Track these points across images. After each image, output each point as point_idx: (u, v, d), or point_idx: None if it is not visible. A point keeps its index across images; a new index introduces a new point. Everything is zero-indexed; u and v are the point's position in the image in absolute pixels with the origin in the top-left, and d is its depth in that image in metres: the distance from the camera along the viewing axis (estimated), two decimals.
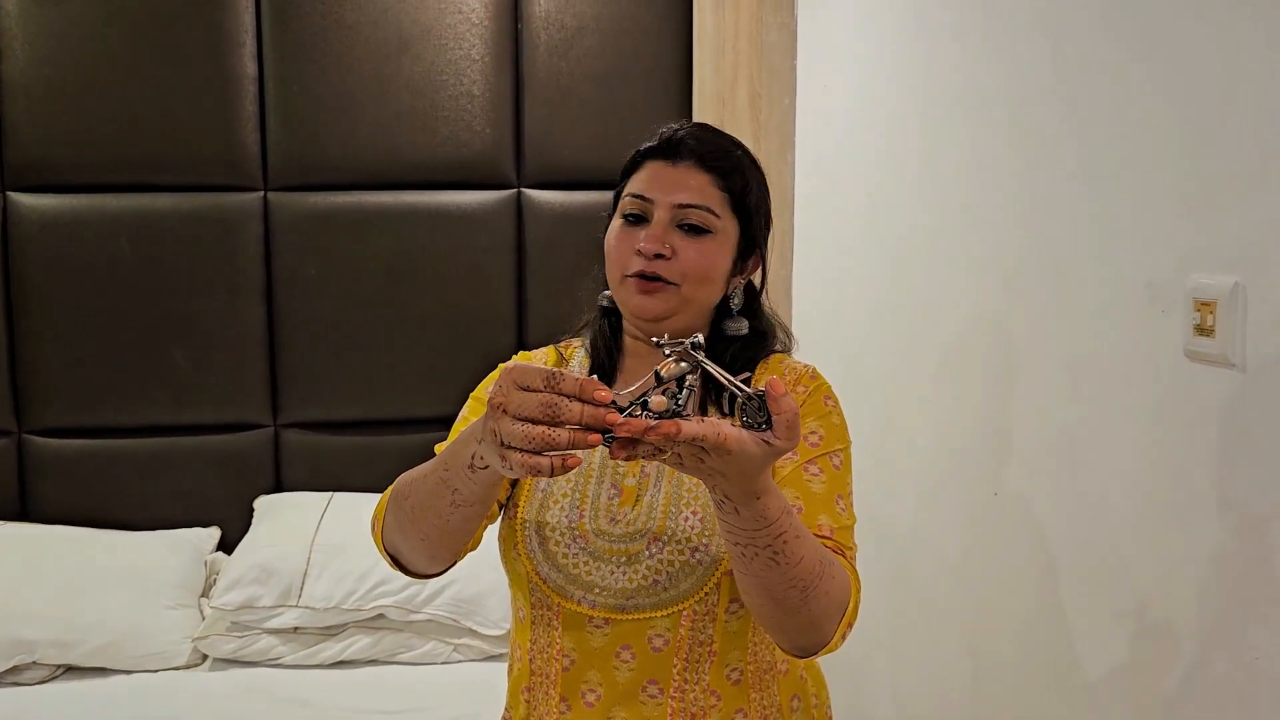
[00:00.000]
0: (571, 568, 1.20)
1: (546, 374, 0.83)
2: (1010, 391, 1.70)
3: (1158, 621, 1.38)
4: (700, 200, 1.21)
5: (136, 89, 2.57)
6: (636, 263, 1.19)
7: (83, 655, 2.28)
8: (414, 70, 2.65)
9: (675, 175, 1.21)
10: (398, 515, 1.11)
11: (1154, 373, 1.37)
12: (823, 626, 1.04)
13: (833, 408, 1.25)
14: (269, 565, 2.38)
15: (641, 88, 2.71)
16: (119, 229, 2.59)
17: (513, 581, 1.26)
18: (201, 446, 2.68)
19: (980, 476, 1.79)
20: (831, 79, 2.45)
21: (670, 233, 1.20)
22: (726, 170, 1.23)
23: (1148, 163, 1.39)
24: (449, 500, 1.02)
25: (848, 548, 1.15)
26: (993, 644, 1.78)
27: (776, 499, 0.95)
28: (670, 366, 0.87)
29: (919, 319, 2.02)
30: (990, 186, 1.77)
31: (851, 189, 2.34)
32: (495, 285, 2.72)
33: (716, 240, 1.22)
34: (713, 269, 1.22)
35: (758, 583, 1.00)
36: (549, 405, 0.82)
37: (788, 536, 0.96)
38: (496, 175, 2.70)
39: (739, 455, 0.87)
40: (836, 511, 1.16)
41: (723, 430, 0.85)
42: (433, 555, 1.13)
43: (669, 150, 1.23)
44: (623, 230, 1.22)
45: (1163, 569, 1.37)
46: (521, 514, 1.23)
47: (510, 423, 0.83)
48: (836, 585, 1.03)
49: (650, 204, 1.21)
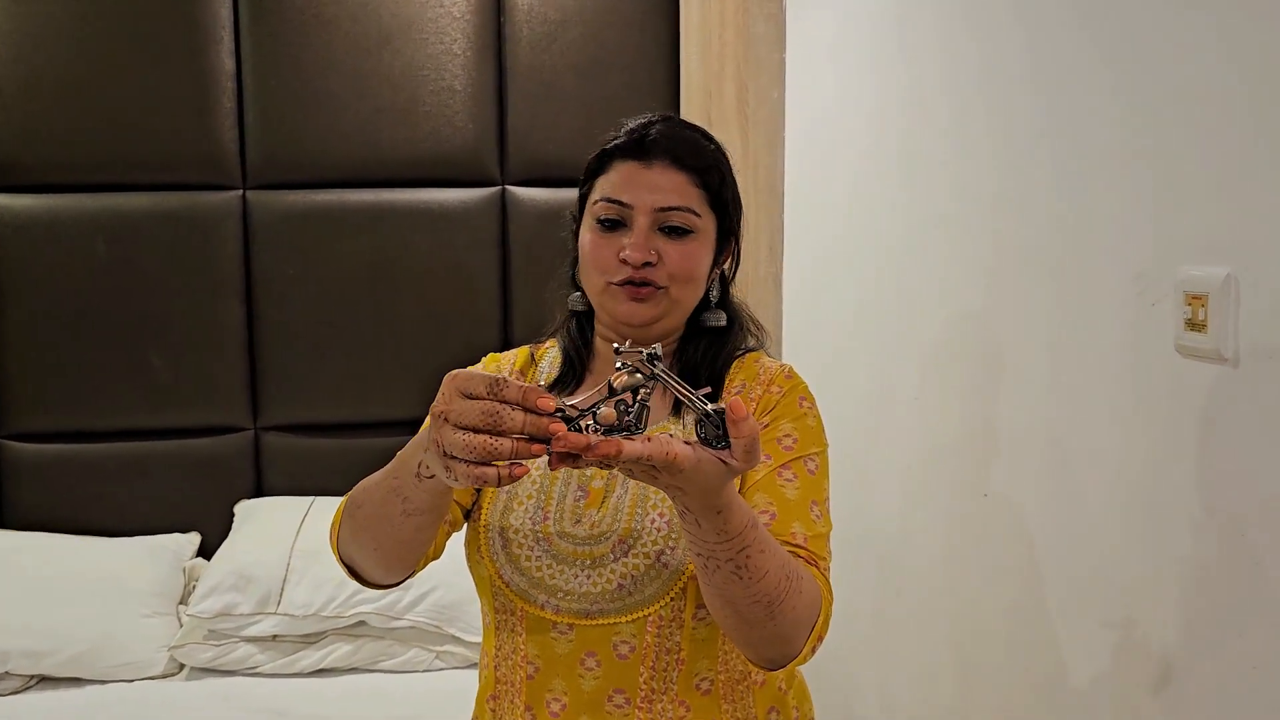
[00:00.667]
0: (535, 571, 1.16)
1: (489, 381, 0.80)
2: (997, 389, 1.65)
3: (1144, 622, 1.33)
4: (681, 202, 1.16)
5: (112, 86, 2.52)
6: (622, 271, 1.15)
7: (56, 665, 2.24)
8: (394, 65, 2.60)
9: (651, 177, 1.16)
10: (352, 524, 1.09)
11: (1143, 369, 1.31)
12: (790, 640, 1.00)
13: (808, 409, 1.19)
14: (247, 572, 2.33)
15: (627, 81, 2.66)
16: (95, 229, 2.54)
17: (477, 586, 1.22)
18: (180, 450, 2.63)
19: (967, 476, 1.73)
20: (820, 71, 2.40)
21: (653, 237, 1.16)
22: (703, 167, 1.18)
23: (1134, 149, 1.33)
24: (399, 509, 0.99)
25: (820, 558, 1.10)
26: (980, 646, 1.72)
27: (740, 513, 0.91)
28: (623, 378, 0.83)
29: (905, 315, 1.97)
30: (977, 179, 1.72)
31: (839, 184, 2.28)
32: (479, 284, 2.67)
33: (699, 239, 1.18)
34: (698, 269, 1.18)
35: (721, 595, 0.96)
36: (491, 414, 0.79)
37: (751, 551, 0.92)
38: (479, 172, 2.65)
39: (693, 473, 0.84)
40: (811, 519, 1.11)
41: (672, 449, 0.82)
42: (387, 566, 1.10)
43: (640, 150, 1.17)
44: (600, 237, 1.17)
45: (1150, 570, 1.31)
46: (485, 517, 1.19)
47: (452, 431, 0.80)
48: (804, 600, 0.99)
49: (628, 209, 1.16)
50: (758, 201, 2.56)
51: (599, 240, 1.17)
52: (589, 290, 1.20)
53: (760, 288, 2.59)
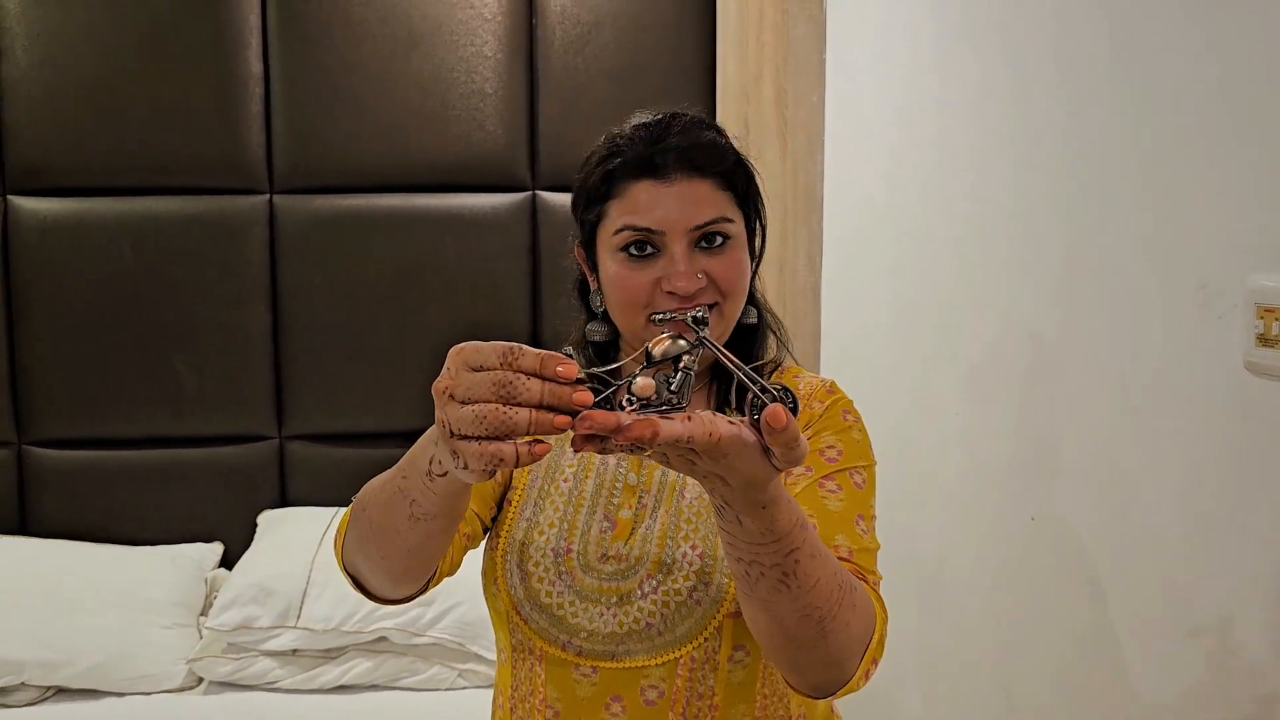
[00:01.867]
0: (555, 608, 1.07)
1: (501, 349, 0.70)
2: (1045, 405, 1.55)
3: (1217, 660, 1.22)
4: (715, 213, 1.05)
5: (139, 90, 2.49)
6: (670, 301, 1.03)
7: (72, 676, 2.19)
8: (424, 68, 2.54)
9: (675, 194, 1.04)
10: (356, 530, 0.99)
11: (1208, 386, 1.21)
12: (843, 663, 0.88)
13: (853, 423, 1.10)
14: (267, 584, 2.27)
15: (662, 84, 2.59)
16: (121, 234, 2.51)
17: (493, 619, 1.14)
18: (204, 459, 2.59)
19: (1016, 498, 1.63)
20: (863, 73, 2.31)
21: (694, 258, 1.04)
22: (725, 170, 1.07)
23: (1204, 151, 1.23)
24: (407, 513, 0.89)
25: (870, 573, 1.00)
26: (1028, 683, 1.62)
27: (789, 509, 0.79)
28: (664, 344, 0.72)
29: (950, 326, 1.87)
30: (1027, 183, 1.62)
31: (883, 189, 2.19)
32: (509, 292, 2.61)
33: (737, 244, 1.07)
34: (744, 276, 1.08)
35: (765, 609, 0.84)
36: (503, 383, 0.69)
37: (801, 555, 0.81)
38: (510, 177, 2.59)
39: (738, 459, 0.72)
40: (856, 533, 1.01)
41: (717, 428, 0.70)
42: (394, 577, 0.99)
43: (653, 165, 1.05)
44: (630, 267, 1.05)
45: (1222, 603, 1.21)
46: (503, 543, 1.11)
47: (459, 408, 0.70)
48: (859, 615, 0.88)
49: (659, 235, 1.04)
50: (796, 209, 2.48)
51: (630, 273, 1.05)
52: (626, 326, 1.08)
53: (799, 298, 2.50)
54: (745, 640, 1.05)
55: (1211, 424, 1.21)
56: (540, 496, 1.12)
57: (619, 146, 1.07)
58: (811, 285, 2.55)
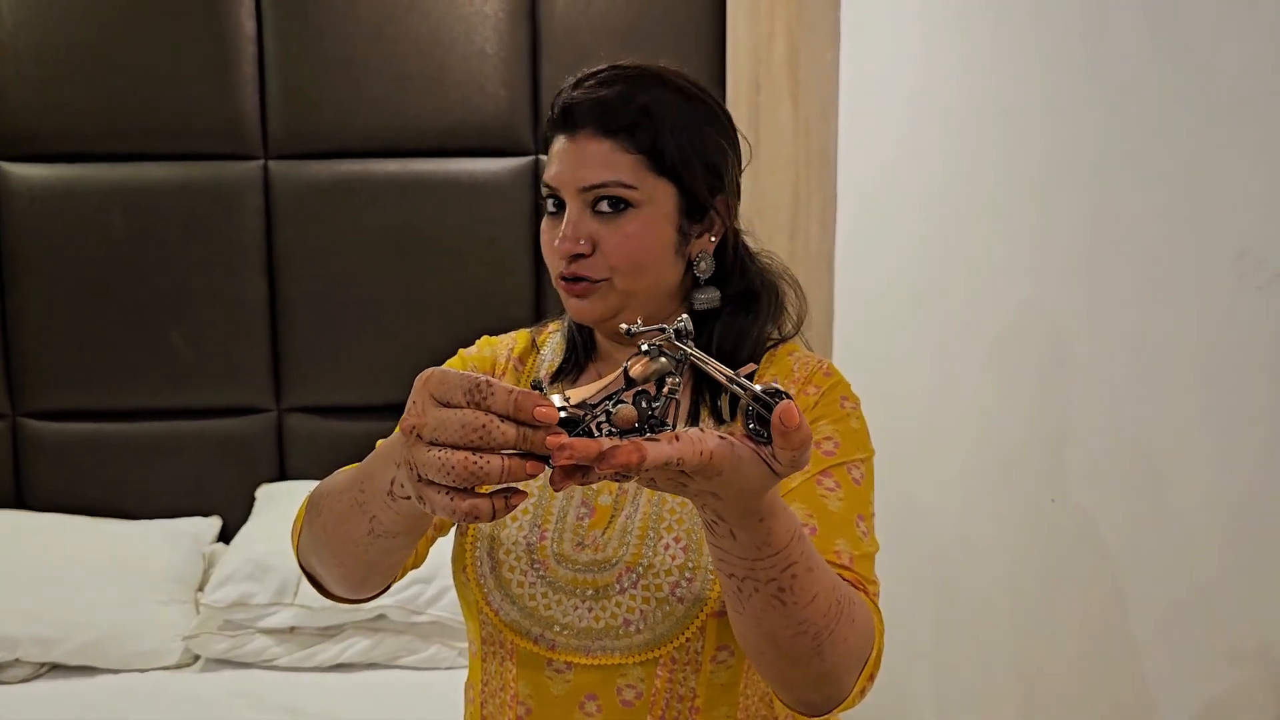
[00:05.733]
0: (527, 600, 1.01)
1: (469, 385, 0.63)
2: (1070, 382, 1.46)
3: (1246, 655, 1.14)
4: (607, 175, 0.98)
5: (129, 52, 2.41)
6: (561, 264, 1.00)
7: (67, 653, 2.15)
8: (422, 28, 2.45)
9: (574, 152, 0.99)
10: (310, 531, 0.92)
11: (1248, 363, 1.13)
12: (838, 680, 0.82)
13: (851, 410, 1.02)
14: (265, 560, 2.22)
15: (670, 44, 2.49)
16: (112, 200, 2.44)
17: (463, 609, 1.07)
18: (201, 431, 2.53)
19: (1036, 479, 1.55)
20: (880, 31, 2.21)
21: (585, 222, 0.99)
22: (629, 127, 0.98)
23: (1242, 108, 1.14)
24: (365, 529, 0.82)
25: (870, 582, 0.93)
26: (1047, 676, 1.54)
27: (786, 520, 0.73)
28: (643, 364, 0.66)
29: (969, 300, 1.78)
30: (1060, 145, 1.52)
31: (901, 153, 2.09)
32: (511, 259, 2.53)
33: (641, 216, 0.99)
34: (645, 251, 1.00)
35: (758, 626, 0.78)
36: (473, 428, 0.62)
37: (798, 569, 0.75)
38: (512, 141, 2.50)
39: (732, 475, 0.66)
40: (857, 535, 0.94)
41: (706, 446, 0.65)
42: (351, 585, 0.94)
43: (565, 120, 1.00)
44: (547, 223, 1.03)
45: (1254, 596, 1.13)
46: (473, 529, 1.04)
47: (426, 450, 0.63)
48: (857, 630, 0.82)
49: (557, 193, 1.01)
50: (809, 174, 2.38)
51: (546, 229, 1.03)
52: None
53: (811, 267, 2.41)
54: (730, 640, 0.99)
55: (1249, 405, 1.13)
56: None
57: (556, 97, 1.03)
58: (825, 253, 2.45)
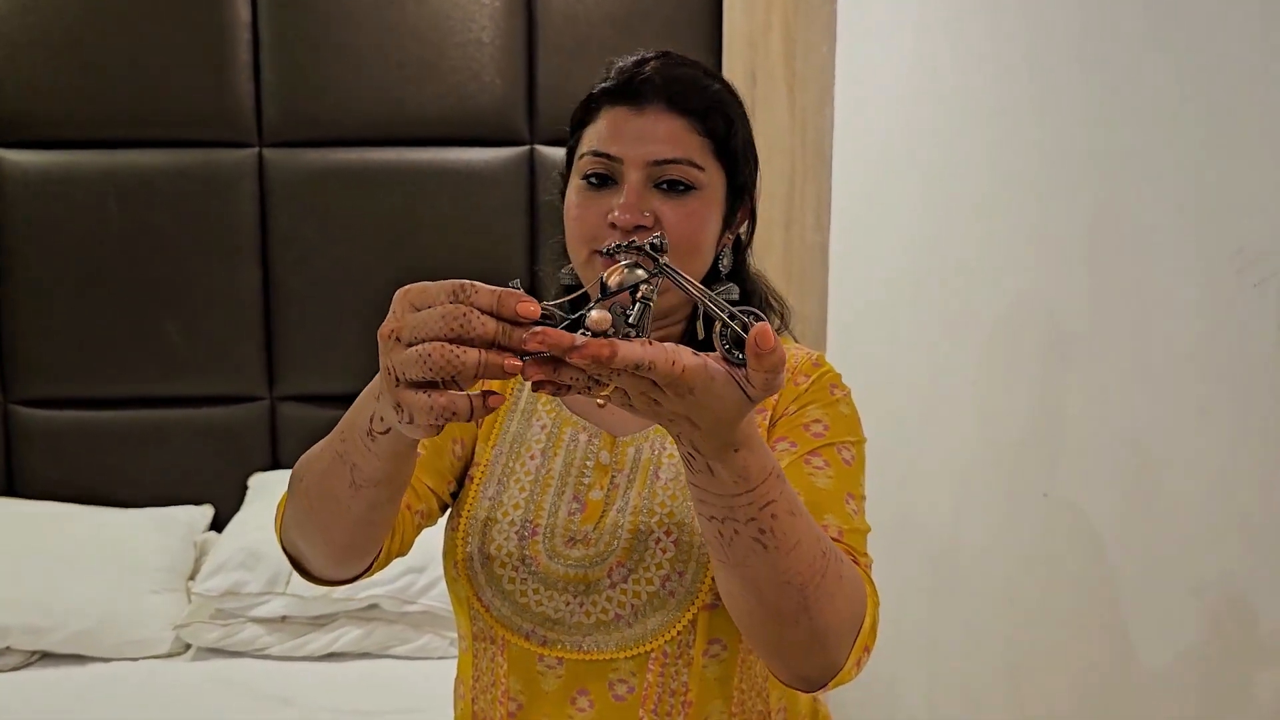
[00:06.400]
0: (518, 595, 1.00)
1: (453, 286, 0.64)
2: (1065, 377, 1.46)
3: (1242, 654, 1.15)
4: (679, 153, 0.98)
5: (122, 37, 2.40)
6: (610, 236, 0.97)
7: (58, 641, 2.15)
8: (419, 15, 2.44)
9: (643, 124, 0.98)
10: (295, 504, 0.91)
11: (1244, 361, 1.13)
12: (831, 645, 0.81)
13: (841, 397, 1.02)
14: (257, 549, 2.22)
15: (666, 33, 2.48)
16: (106, 187, 2.43)
17: (453, 604, 1.07)
18: (194, 419, 2.52)
19: (1030, 474, 1.55)
20: (877, 23, 2.20)
21: (648, 195, 0.98)
22: (704, 110, 0.99)
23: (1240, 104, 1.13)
24: (348, 480, 0.82)
25: (861, 554, 0.93)
26: (1039, 669, 1.55)
27: (762, 455, 0.73)
28: (620, 273, 0.67)
29: (964, 293, 1.78)
30: (1047, 139, 1.52)
31: (892, 148, 2.09)
32: (506, 249, 2.52)
33: (702, 197, 0.99)
34: (703, 234, 1.00)
35: (742, 577, 0.77)
36: (454, 316, 0.63)
37: (778, 509, 0.74)
38: (508, 130, 2.49)
39: (705, 394, 0.66)
40: (847, 512, 0.94)
41: (680, 358, 0.64)
42: (336, 555, 0.92)
43: (630, 92, 0.99)
44: (586, 195, 1.00)
45: (1251, 594, 1.13)
46: (464, 523, 1.03)
47: (404, 350, 0.64)
48: (846, 588, 0.81)
49: (617, 163, 0.98)
50: (804, 165, 2.38)
51: (585, 200, 1.00)
52: (575, 258, 1.02)
53: (806, 258, 2.41)
54: (722, 634, 0.98)
55: (1246, 402, 1.13)
56: (504, 474, 1.04)
57: (608, 75, 1.02)
58: (820, 245, 2.45)
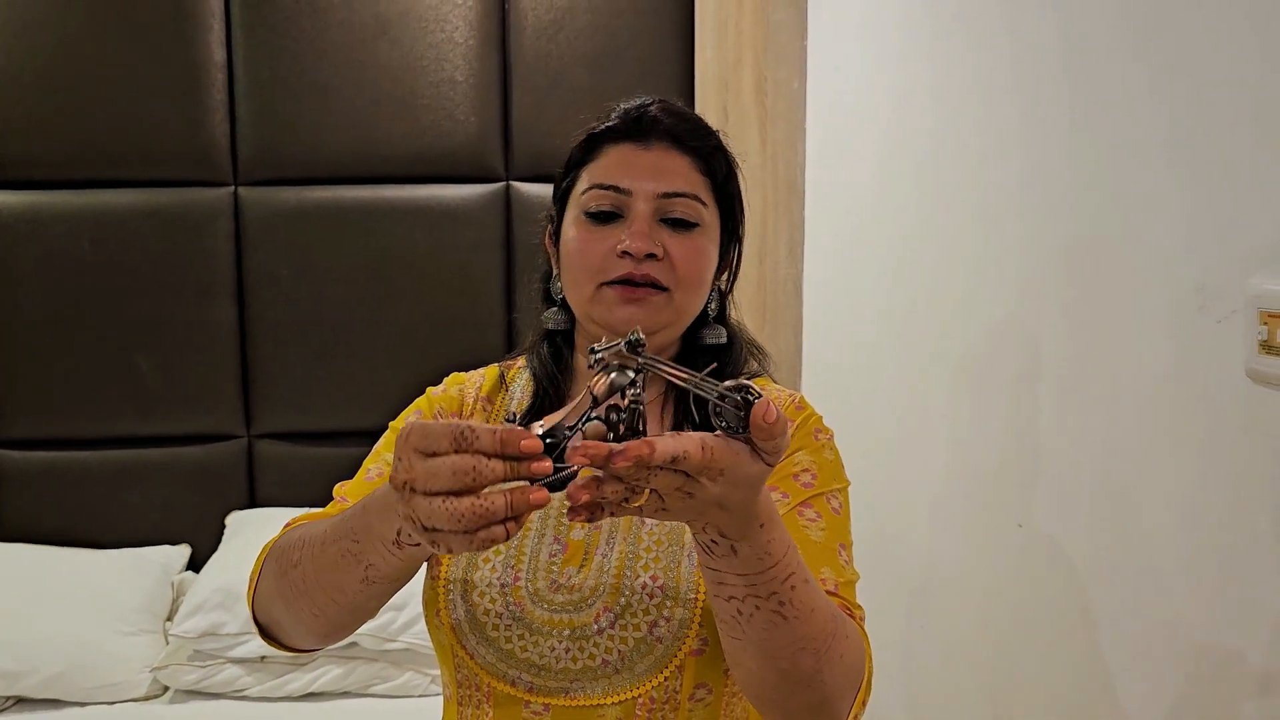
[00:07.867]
0: (503, 642, 1.00)
1: (454, 432, 0.65)
2: (1037, 410, 1.50)
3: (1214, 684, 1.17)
4: (687, 187, 1.02)
5: (97, 77, 2.40)
6: (620, 266, 0.99)
7: (33, 686, 2.12)
8: (392, 55, 2.46)
9: (651, 160, 1.02)
10: (281, 583, 0.93)
11: (1207, 395, 1.16)
12: (835, 704, 0.84)
13: (825, 442, 1.04)
14: (235, 589, 2.20)
15: (638, 71, 2.51)
16: (80, 227, 2.43)
17: (437, 652, 1.06)
18: (170, 459, 2.51)
19: (1003, 505, 1.58)
20: (845, 60, 2.25)
21: (656, 229, 1.00)
22: (708, 151, 1.04)
23: (1200, 141, 1.18)
24: (359, 576, 0.84)
25: (855, 607, 0.95)
26: (1018, 699, 1.57)
27: (782, 529, 0.75)
28: (605, 381, 0.67)
29: (936, 326, 1.81)
30: (1013, 176, 1.56)
31: (864, 181, 2.13)
32: (482, 285, 2.53)
33: (705, 234, 1.03)
34: (707, 270, 1.04)
35: (759, 651, 0.79)
36: (464, 471, 0.65)
37: (797, 580, 0.76)
38: (483, 167, 2.51)
39: (735, 470, 0.67)
40: (840, 564, 0.96)
41: (707, 443, 0.66)
42: (325, 633, 0.95)
43: (637, 130, 1.03)
44: (590, 230, 1.02)
45: (1222, 621, 1.16)
46: (445, 571, 1.03)
47: (425, 502, 0.66)
48: (851, 647, 0.83)
49: (625, 196, 1.01)
50: (776, 200, 2.41)
51: (589, 235, 1.01)
52: (575, 298, 1.04)
53: (779, 291, 2.44)
54: (708, 678, 0.99)
55: (1211, 435, 1.16)
56: None
57: (608, 117, 1.05)
58: (793, 277, 2.48)
